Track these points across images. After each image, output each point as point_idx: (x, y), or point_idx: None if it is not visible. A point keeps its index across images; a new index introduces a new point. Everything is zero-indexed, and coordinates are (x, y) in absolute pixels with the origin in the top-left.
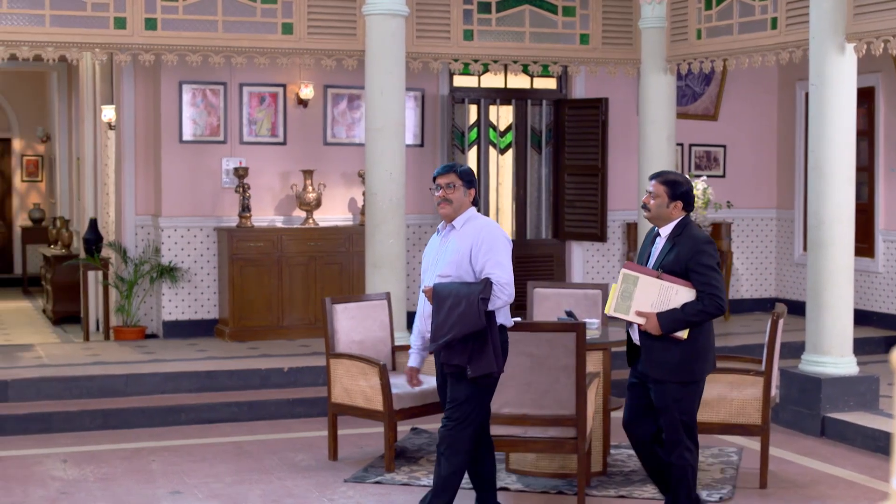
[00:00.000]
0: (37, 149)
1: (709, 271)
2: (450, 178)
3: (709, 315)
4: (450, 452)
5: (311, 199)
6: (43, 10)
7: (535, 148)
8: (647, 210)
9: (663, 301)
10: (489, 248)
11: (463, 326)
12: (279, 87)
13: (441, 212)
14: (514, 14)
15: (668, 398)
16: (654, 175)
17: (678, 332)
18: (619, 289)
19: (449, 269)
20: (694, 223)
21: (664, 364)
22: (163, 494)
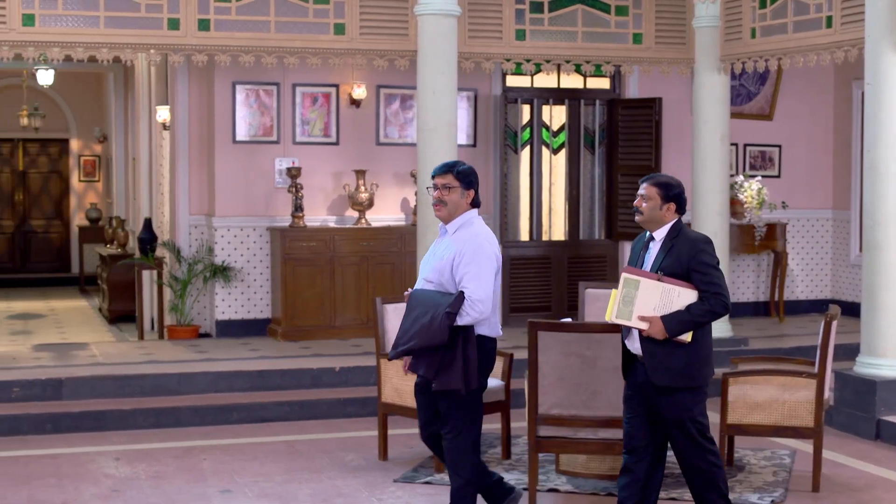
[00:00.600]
0: (94, 149)
1: (711, 270)
2: (446, 179)
3: (715, 315)
4: (455, 464)
5: (364, 199)
6: (97, 11)
7: (588, 148)
8: (640, 213)
9: (666, 304)
10: (470, 261)
11: (422, 338)
12: (332, 88)
13: (436, 214)
14: (566, 14)
15: (680, 409)
16: (646, 178)
17: (683, 335)
18: (620, 294)
19: (433, 276)
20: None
21: (669, 370)
22: (213, 493)
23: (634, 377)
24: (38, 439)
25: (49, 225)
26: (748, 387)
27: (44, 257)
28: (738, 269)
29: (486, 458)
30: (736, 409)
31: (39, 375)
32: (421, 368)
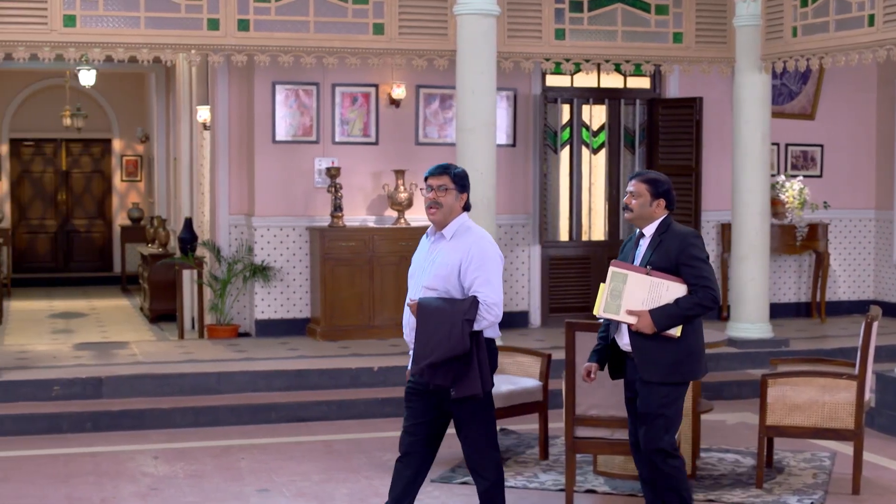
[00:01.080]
0: (136, 149)
1: (700, 263)
2: (442, 181)
3: (704, 308)
4: (480, 467)
5: (403, 198)
6: (138, 12)
7: (628, 148)
8: (630, 210)
9: (654, 298)
10: (479, 266)
11: (446, 349)
12: (371, 88)
13: (430, 217)
14: (606, 13)
15: (655, 402)
16: (634, 175)
17: (672, 329)
18: (608, 288)
19: (436, 283)
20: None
21: (658, 364)
22: (250, 492)
23: (628, 375)
24: (77, 437)
25: (91, 224)
26: (788, 388)
27: (86, 257)
28: (779, 270)
29: (524, 459)
30: (775, 411)
31: (80, 374)
32: (438, 378)
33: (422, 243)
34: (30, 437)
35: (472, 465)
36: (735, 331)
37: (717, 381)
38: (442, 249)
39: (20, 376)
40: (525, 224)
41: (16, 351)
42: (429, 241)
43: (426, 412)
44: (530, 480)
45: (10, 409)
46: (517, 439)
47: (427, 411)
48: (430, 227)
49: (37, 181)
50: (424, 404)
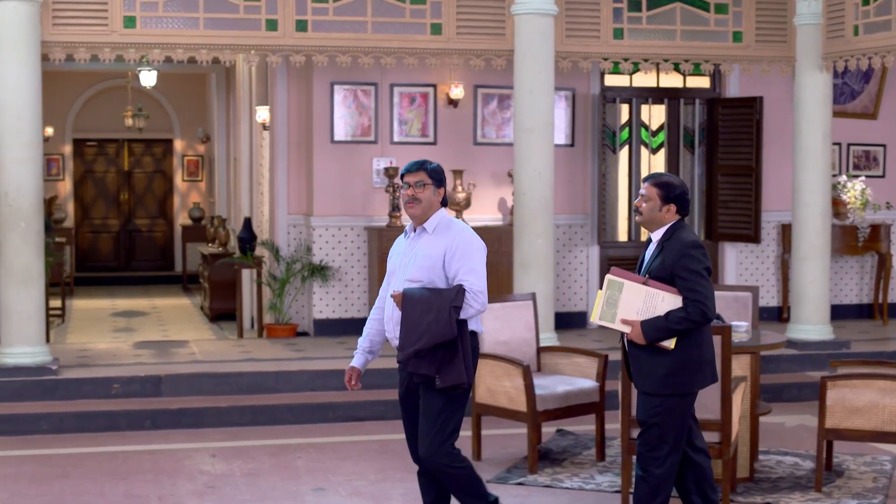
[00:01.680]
0: (197, 149)
1: (694, 276)
2: (419, 177)
3: (693, 323)
4: (448, 467)
5: (461, 198)
6: (197, 13)
7: (687, 148)
8: (639, 214)
9: (649, 308)
10: (463, 254)
11: (433, 336)
12: (430, 88)
13: (409, 212)
14: (665, 12)
15: (646, 411)
16: (648, 177)
17: (663, 341)
18: (605, 295)
19: (420, 274)
20: (688, 227)
21: (651, 376)
22: (306, 491)
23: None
24: (136, 435)
25: (153, 224)
26: (847, 391)
27: (148, 256)
28: (840, 271)
29: (580, 460)
30: (834, 414)
31: (139, 372)
32: (423, 367)
33: (398, 242)
34: (90, 434)
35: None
36: (795, 332)
37: (776, 382)
38: (424, 243)
39: (81, 374)
40: (583, 224)
41: (77, 349)
42: (407, 238)
43: (414, 420)
44: (586, 482)
45: (71, 407)
46: (574, 440)
47: (413, 416)
48: (407, 226)
49: (99, 181)
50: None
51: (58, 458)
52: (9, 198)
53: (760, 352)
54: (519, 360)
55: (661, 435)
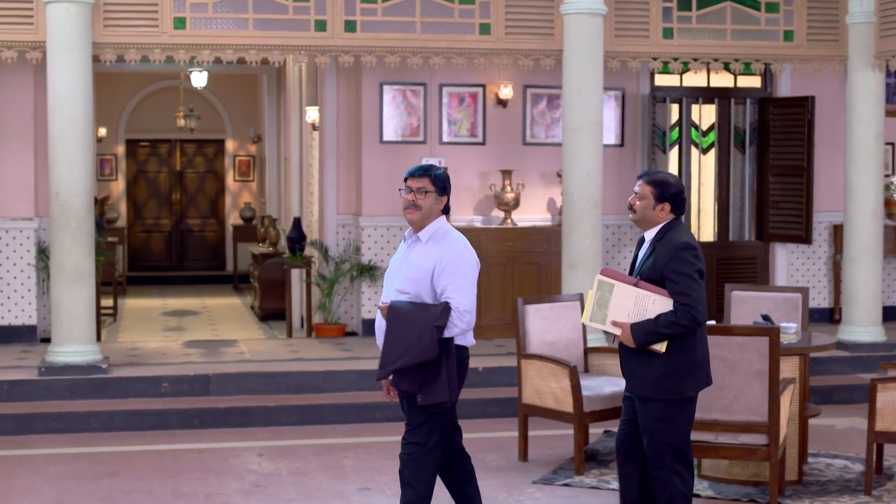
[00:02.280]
0: (249, 149)
1: (684, 279)
2: (422, 183)
3: (682, 327)
4: (413, 479)
5: (510, 199)
6: (246, 14)
7: (738, 148)
8: (633, 212)
9: (639, 311)
10: (452, 271)
11: (412, 356)
12: (479, 88)
13: (408, 217)
14: (715, 11)
15: (650, 418)
16: (642, 175)
17: (654, 344)
18: (595, 296)
19: (408, 286)
20: (683, 227)
21: (643, 380)
22: (352, 491)
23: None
24: (185, 434)
25: (205, 224)
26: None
27: (199, 255)
28: (893, 272)
29: None
30: (885, 416)
31: (188, 371)
32: (404, 384)
33: (399, 247)
34: (139, 432)
35: (406, 473)
36: (846, 334)
37: (826, 384)
38: (417, 253)
39: (131, 373)
40: (633, 225)
41: (128, 348)
42: (405, 243)
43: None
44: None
45: (121, 405)
46: None
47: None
48: (408, 231)
49: (152, 181)
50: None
51: (107, 456)
52: (60, 198)
53: (810, 353)
54: (566, 361)
55: (669, 440)
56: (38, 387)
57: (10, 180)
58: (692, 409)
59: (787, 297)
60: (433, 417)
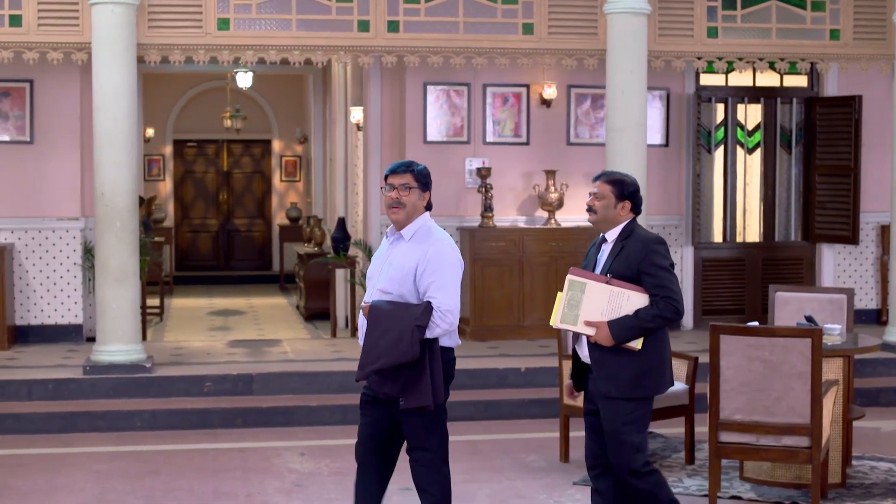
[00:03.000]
0: (295, 149)
1: (663, 272)
2: (405, 179)
3: (665, 320)
4: (426, 483)
5: (554, 199)
6: (290, 14)
7: (784, 147)
8: (593, 213)
9: (614, 308)
10: (435, 269)
11: (392, 357)
12: (522, 88)
13: (392, 216)
14: (760, 10)
15: (618, 419)
16: (599, 175)
17: (632, 341)
18: (566, 297)
19: (391, 286)
20: (642, 226)
21: (616, 379)
22: (393, 490)
23: (588, 388)
24: (227, 433)
25: (252, 224)
26: None
27: (246, 255)
28: None
29: (669, 463)
30: None
31: (231, 371)
32: (386, 387)
33: (382, 244)
34: (182, 431)
35: (419, 480)
36: (893, 335)
37: (871, 386)
38: (399, 251)
39: (175, 372)
40: (678, 225)
41: (172, 347)
42: (388, 241)
43: (380, 421)
44: (674, 485)
45: (165, 404)
46: (664, 443)
47: (381, 420)
48: (390, 228)
49: (199, 181)
50: (378, 413)
51: (150, 455)
52: (105, 198)
53: (854, 355)
54: None
55: (636, 443)
56: (82, 385)
57: (58, 181)
58: (650, 409)
59: (832, 297)
60: (434, 418)
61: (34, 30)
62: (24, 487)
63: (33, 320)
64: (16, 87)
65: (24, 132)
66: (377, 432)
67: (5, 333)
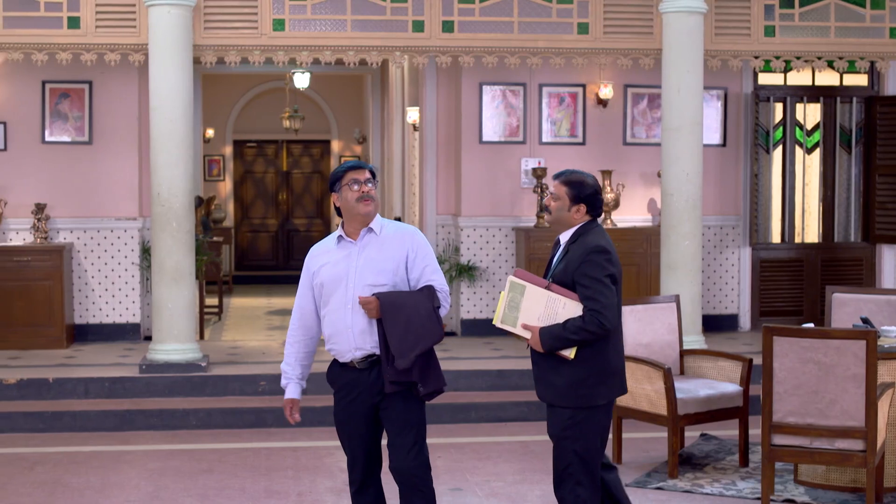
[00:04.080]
0: (354, 150)
1: (594, 284)
2: (367, 174)
3: (590, 333)
4: (423, 481)
5: (610, 199)
6: (345, 15)
7: (844, 147)
8: (548, 213)
9: (549, 314)
10: (425, 254)
11: (428, 338)
12: (578, 88)
13: (365, 210)
14: (818, 8)
15: (556, 425)
16: (558, 174)
17: (562, 350)
18: (507, 298)
19: (384, 278)
20: (599, 230)
21: (551, 386)
22: (443, 491)
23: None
24: (281, 432)
25: (310, 224)
26: None
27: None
28: None
29: (723, 466)
30: None
31: None
32: (413, 375)
33: (327, 252)
34: (236, 430)
35: (411, 477)
36: None
37: None
38: (374, 245)
39: (230, 371)
40: (735, 226)
41: (229, 346)
42: (339, 245)
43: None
44: (727, 488)
45: (219, 403)
46: (718, 445)
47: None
48: (334, 235)
49: (259, 181)
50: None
51: (203, 453)
52: (161, 198)
53: None
54: (660, 363)
55: (576, 451)
56: (138, 384)
57: (116, 181)
58: (603, 418)
59: (891, 299)
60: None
61: (92, 31)
62: (77, 484)
63: (92, 319)
64: (75, 88)
65: (83, 133)
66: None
67: (64, 332)
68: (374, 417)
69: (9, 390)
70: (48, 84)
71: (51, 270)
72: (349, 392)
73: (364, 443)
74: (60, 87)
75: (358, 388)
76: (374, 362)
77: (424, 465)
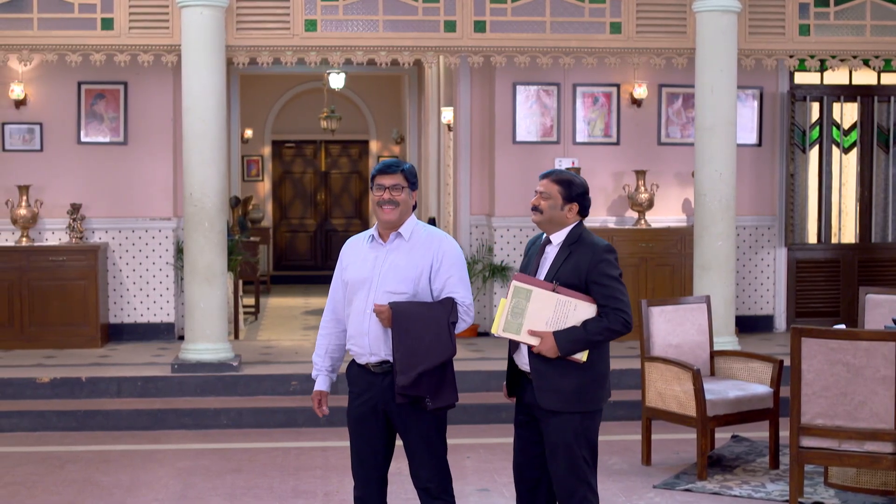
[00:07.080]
0: (392, 150)
1: (613, 283)
2: (396, 179)
3: (614, 333)
4: (444, 490)
5: (644, 199)
6: (377, 15)
7: (881, 147)
8: (539, 213)
9: (560, 318)
10: (451, 265)
11: (436, 356)
12: (612, 87)
13: (387, 217)
14: (854, 7)
15: (568, 433)
16: (545, 173)
17: (577, 354)
18: (509, 304)
19: (404, 286)
20: (588, 229)
21: (559, 392)
22: (471, 491)
23: (523, 397)
24: (311, 432)
25: (349, 224)
26: None
27: None
28: None
29: (753, 467)
30: None
31: None
32: (422, 389)
33: (358, 250)
34: (267, 430)
35: (432, 486)
36: None
37: None
38: (402, 250)
39: (261, 371)
40: (770, 226)
41: (262, 346)
42: (370, 244)
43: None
44: (756, 490)
45: (251, 403)
46: (748, 447)
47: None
48: (369, 232)
49: (297, 182)
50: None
51: (233, 452)
52: (193, 198)
53: None
54: (689, 364)
55: (585, 457)
56: (170, 383)
57: (151, 181)
58: (599, 422)
59: None
60: (442, 421)
61: (125, 33)
62: (106, 483)
63: (126, 318)
64: (110, 89)
65: (118, 133)
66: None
67: (99, 331)
68: (387, 422)
69: (43, 389)
70: (84, 85)
71: (86, 270)
72: (363, 393)
73: (371, 446)
74: (96, 87)
75: (371, 391)
76: (389, 369)
77: (442, 473)
